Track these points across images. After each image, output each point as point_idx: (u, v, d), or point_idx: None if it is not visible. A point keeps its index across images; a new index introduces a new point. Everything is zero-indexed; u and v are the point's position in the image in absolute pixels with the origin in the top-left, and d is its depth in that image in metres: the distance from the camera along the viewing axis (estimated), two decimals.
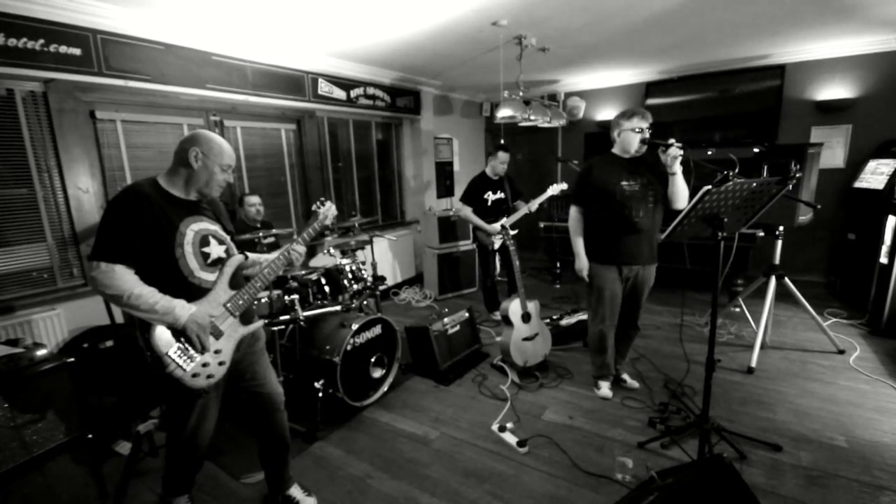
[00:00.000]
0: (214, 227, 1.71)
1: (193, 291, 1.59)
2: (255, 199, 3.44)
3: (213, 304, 1.63)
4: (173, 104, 3.35)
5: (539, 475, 2.20)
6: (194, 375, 1.56)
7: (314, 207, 1.99)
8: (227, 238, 1.75)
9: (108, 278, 1.43)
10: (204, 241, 1.64)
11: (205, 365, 1.59)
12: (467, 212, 4.08)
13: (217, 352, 1.63)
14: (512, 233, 3.67)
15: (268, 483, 2.04)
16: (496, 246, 3.73)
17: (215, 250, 1.67)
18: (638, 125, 2.50)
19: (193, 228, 1.61)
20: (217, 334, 1.63)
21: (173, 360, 1.52)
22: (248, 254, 1.85)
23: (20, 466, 1.81)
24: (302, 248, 1.83)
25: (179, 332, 1.54)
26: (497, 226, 3.94)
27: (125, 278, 1.45)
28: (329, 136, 4.78)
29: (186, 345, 1.55)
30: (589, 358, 2.96)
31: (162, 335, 1.51)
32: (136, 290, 1.46)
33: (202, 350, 1.58)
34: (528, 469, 2.25)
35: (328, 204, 1.98)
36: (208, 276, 1.64)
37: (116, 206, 1.50)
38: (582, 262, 2.74)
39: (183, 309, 1.52)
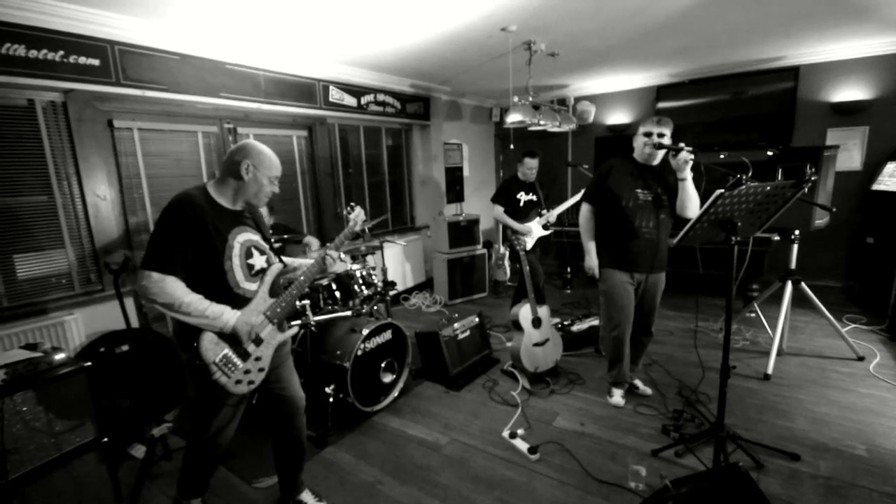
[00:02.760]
0: (256, 238, 1.74)
1: (237, 302, 1.64)
2: (264, 211, 3.48)
3: (255, 312, 1.67)
4: (188, 112, 3.41)
5: (550, 482, 2.18)
6: (237, 382, 1.61)
7: (344, 213, 2.01)
8: (267, 247, 1.79)
9: (158, 288, 1.47)
10: (248, 253, 1.68)
11: (247, 372, 1.64)
12: (499, 212, 4.02)
13: (258, 359, 1.67)
14: (546, 233, 3.68)
15: (280, 487, 2.05)
16: (528, 247, 3.71)
17: (258, 261, 1.71)
18: (645, 130, 2.49)
19: (239, 240, 1.65)
20: (257, 342, 1.67)
21: (219, 368, 1.56)
22: (285, 259, 1.88)
23: (38, 469, 1.84)
24: (335, 254, 1.86)
25: (226, 340, 1.58)
26: (528, 225, 3.91)
27: (176, 288, 1.49)
28: (340, 142, 4.82)
29: (232, 353, 1.60)
30: (601, 364, 2.93)
31: (209, 344, 1.56)
32: (187, 298, 1.50)
33: (248, 355, 1.63)
34: (539, 476, 2.23)
35: (357, 209, 1.97)
36: (251, 287, 1.68)
37: (172, 217, 1.52)
38: (592, 261, 2.73)
39: (231, 313, 1.58)
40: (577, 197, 3.83)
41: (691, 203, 2.44)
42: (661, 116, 2.52)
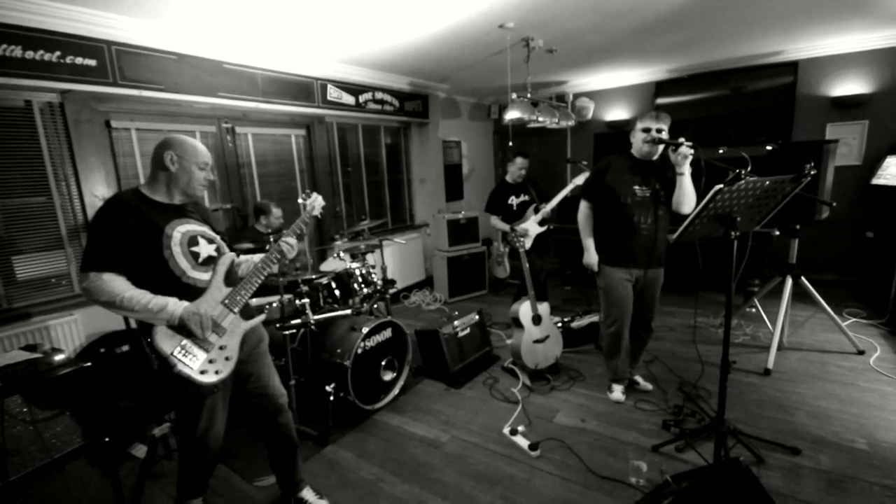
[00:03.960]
0: (202, 228, 1.73)
1: (189, 291, 1.61)
2: (280, 212, 3.50)
3: (211, 301, 1.64)
4: (186, 112, 3.41)
5: (551, 479, 2.19)
6: (202, 372, 1.58)
7: (300, 200, 2.01)
8: (217, 237, 1.77)
9: (96, 287, 1.47)
10: (192, 241, 1.66)
11: (211, 361, 1.61)
12: (495, 220, 4.05)
13: (222, 348, 1.65)
14: (543, 229, 3.75)
15: (280, 486, 2.06)
16: (528, 246, 3.72)
17: (205, 249, 1.69)
18: (646, 125, 2.48)
19: (180, 230, 1.63)
20: (220, 331, 1.65)
21: (179, 360, 1.53)
22: (241, 254, 1.87)
23: (39, 469, 1.84)
24: (292, 240, 1.84)
25: (180, 329, 1.56)
26: (524, 226, 3.89)
27: (114, 284, 1.48)
28: (338, 141, 4.82)
29: (190, 343, 1.57)
30: (601, 360, 2.93)
31: (164, 336, 1.53)
32: (128, 293, 1.49)
33: (208, 343, 1.60)
34: (540, 473, 2.23)
35: (314, 195, 2.00)
36: (202, 276, 1.66)
37: (100, 217, 1.54)
38: (591, 257, 2.73)
39: (176, 304, 1.55)
40: (568, 189, 3.83)
41: (687, 199, 2.44)
42: (659, 112, 2.52)
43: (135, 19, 2.87)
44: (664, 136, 2.45)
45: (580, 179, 3.68)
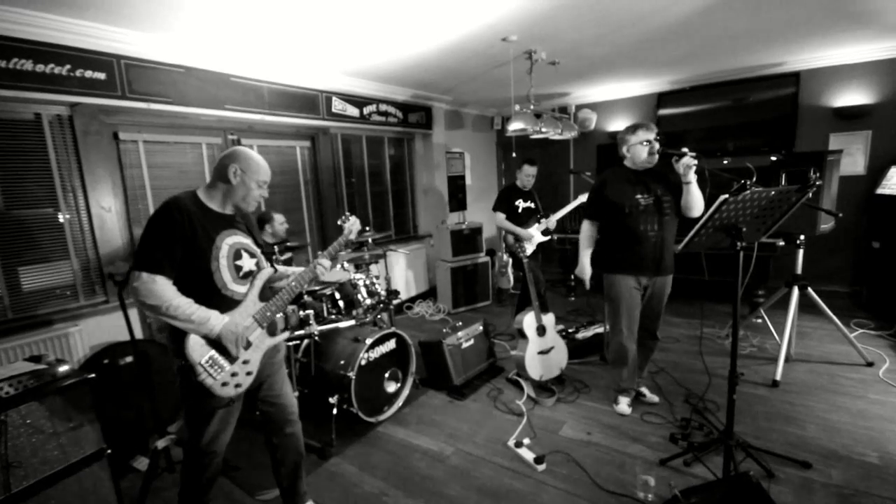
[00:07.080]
0: (247, 241, 1.76)
1: (225, 303, 1.64)
2: (282, 217, 3.50)
3: (244, 315, 1.68)
4: (193, 125, 3.44)
5: (557, 493, 2.15)
6: (223, 384, 1.61)
7: (339, 222, 2.03)
8: (258, 251, 1.81)
9: (147, 289, 1.49)
10: (237, 255, 1.69)
11: (234, 374, 1.64)
12: (501, 219, 4.04)
13: (245, 362, 1.68)
14: (545, 239, 3.73)
15: (283, 498, 2.03)
16: (529, 252, 3.73)
17: (247, 263, 1.72)
18: (644, 138, 2.50)
19: (228, 242, 1.67)
20: (246, 345, 1.67)
21: (205, 370, 1.57)
22: (278, 266, 1.90)
23: (40, 482, 1.83)
24: (327, 262, 1.88)
25: (213, 342, 1.59)
26: (529, 231, 3.93)
27: (165, 289, 1.51)
28: (343, 152, 4.85)
29: (218, 355, 1.60)
30: (606, 371, 2.91)
31: (196, 345, 1.56)
32: (175, 301, 1.51)
33: (235, 357, 1.63)
34: (546, 487, 2.20)
35: (353, 219, 2.01)
36: (240, 289, 1.69)
37: (159, 219, 1.55)
38: (583, 271, 2.79)
39: (218, 319, 1.58)
40: (577, 202, 3.85)
41: (695, 204, 2.44)
42: (644, 122, 2.59)
43: (143, 33, 2.91)
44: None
45: (585, 197, 3.71)
